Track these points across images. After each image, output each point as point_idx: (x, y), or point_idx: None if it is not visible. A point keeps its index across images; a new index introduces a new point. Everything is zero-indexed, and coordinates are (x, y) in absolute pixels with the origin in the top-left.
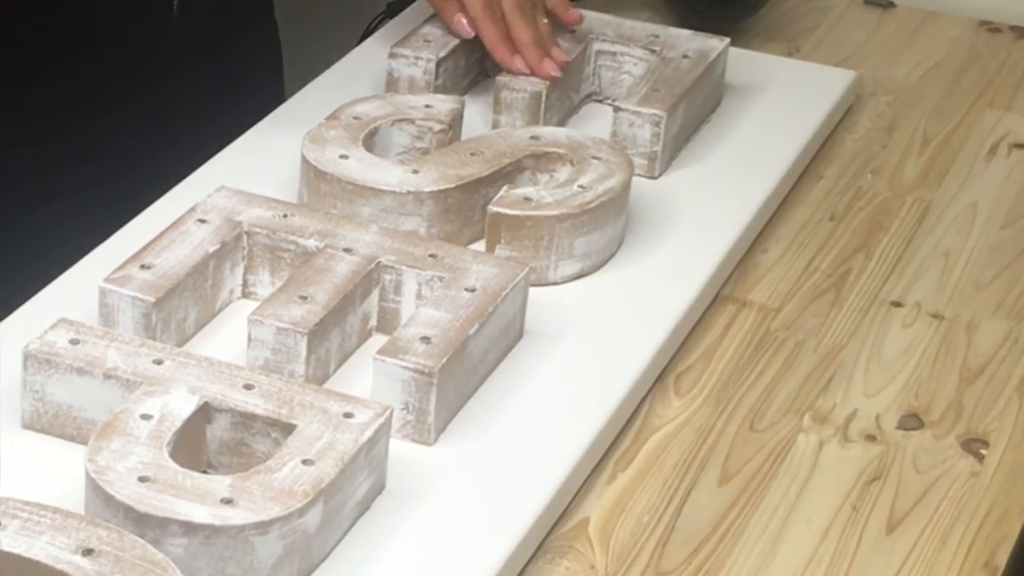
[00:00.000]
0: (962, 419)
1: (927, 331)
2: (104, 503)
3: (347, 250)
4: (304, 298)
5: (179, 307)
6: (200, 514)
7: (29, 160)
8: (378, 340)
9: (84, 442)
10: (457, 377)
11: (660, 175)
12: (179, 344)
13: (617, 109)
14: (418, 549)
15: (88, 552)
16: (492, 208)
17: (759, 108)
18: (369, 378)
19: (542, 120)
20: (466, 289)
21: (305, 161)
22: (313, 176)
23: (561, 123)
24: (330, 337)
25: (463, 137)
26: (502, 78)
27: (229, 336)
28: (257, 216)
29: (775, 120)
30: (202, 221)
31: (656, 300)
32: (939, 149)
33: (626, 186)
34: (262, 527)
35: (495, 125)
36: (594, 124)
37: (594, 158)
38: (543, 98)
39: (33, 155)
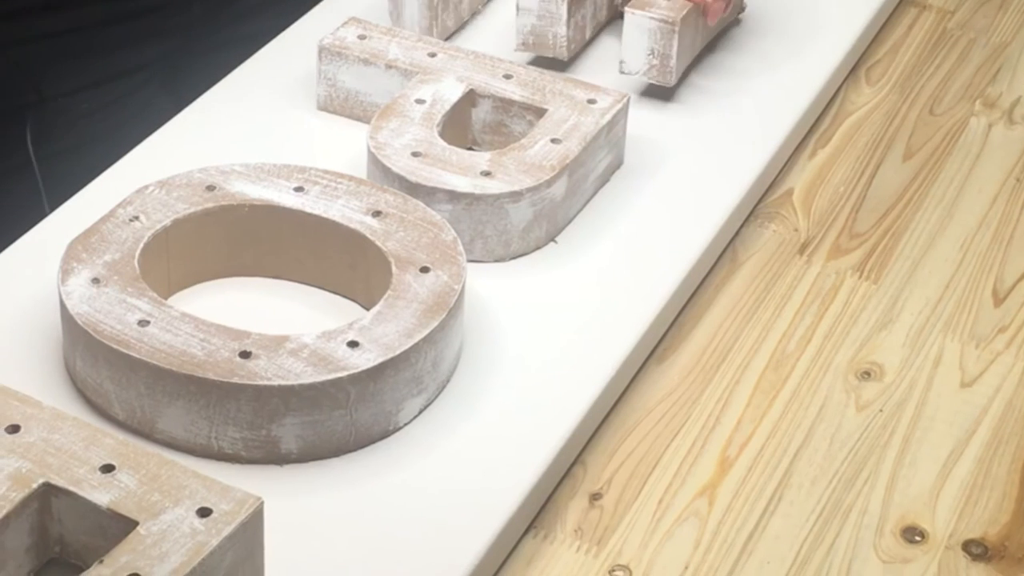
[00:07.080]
0: None
1: None
2: (382, 174)
3: None
4: None
5: None
6: (462, 184)
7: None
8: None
9: (368, 122)
10: (692, 30)
11: None
12: (456, 25)
13: None
14: (648, 213)
15: (377, 214)
16: None
17: None
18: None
19: None
20: None
21: None
22: None
23: None
24: (585, 5)
25: None
26: None
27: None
28: None
29: None
30: None
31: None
32: None
33: None
34: (515, 196)
35: None
36: None
37: None
38: None
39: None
